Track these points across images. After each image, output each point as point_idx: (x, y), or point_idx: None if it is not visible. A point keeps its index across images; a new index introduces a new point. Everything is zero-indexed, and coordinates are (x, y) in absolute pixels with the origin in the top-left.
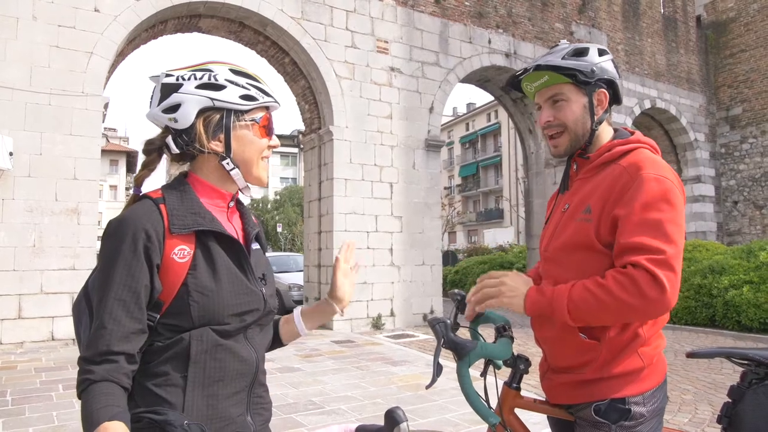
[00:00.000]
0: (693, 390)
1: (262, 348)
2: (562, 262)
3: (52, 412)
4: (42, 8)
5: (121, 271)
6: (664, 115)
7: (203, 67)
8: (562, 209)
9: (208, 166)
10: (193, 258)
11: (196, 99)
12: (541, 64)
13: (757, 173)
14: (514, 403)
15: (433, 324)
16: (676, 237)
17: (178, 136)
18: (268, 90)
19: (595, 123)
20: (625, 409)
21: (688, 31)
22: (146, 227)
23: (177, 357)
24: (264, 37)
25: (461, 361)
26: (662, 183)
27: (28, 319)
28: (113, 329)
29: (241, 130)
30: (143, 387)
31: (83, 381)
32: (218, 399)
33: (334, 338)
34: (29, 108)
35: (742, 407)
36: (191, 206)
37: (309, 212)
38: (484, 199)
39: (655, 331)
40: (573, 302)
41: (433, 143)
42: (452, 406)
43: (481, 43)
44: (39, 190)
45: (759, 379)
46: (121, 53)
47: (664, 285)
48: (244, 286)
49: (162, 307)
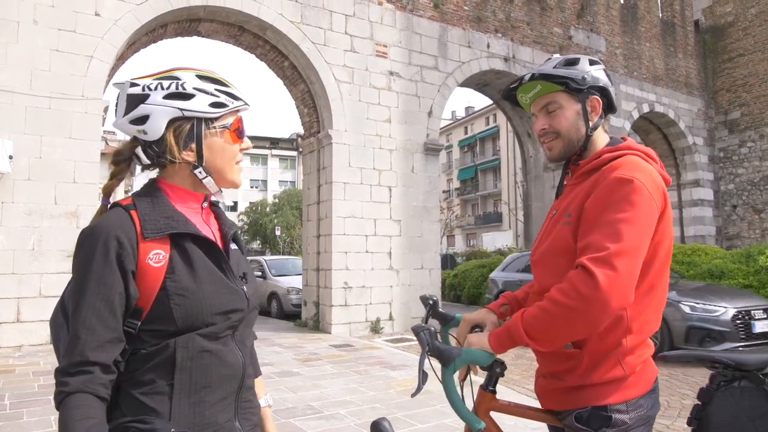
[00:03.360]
0: (692, 394)
1: (249, 351)
2: (547, 265)
3: (51, 417)
4: (43, 12)
5: (94, 280)
6: (662, 119)
7: (169, 74)
8: (551, 214)
9: (180, 175)
10: (170, 261)
11: (164, 110)
12: (534, 74)
13: (755, 177)
14: (489, 406)
15: (418, 331)
16: (627, 236)
17: (147, 147)
18: (237, 93)
19: (590, 129)
20: (606, 416)
21: (687, 36)
22: (117, 234)
23: (162, 364)
24: (263, 41)
25: (446, 368)
26: (627, 183)
27: (27, 323)
28: (87, 339)
29: (212, 138)
30: (129, 396)
31: (59, 393)
32: (205, 405)
33: (333, 342)
34: (29, 111)
35: (711, 409)
36: (163, 210)
37: (308, 216)
38: (483, 202)
39: (641, 339)
40: (526, 322)
41: (431, 147)
42: (450, 410)
43: (479, 48)
44: (38, 194)
45: (727, 381)
46: (121, 57)
47: (598, 281)
48: (225, 285)
49: (142, 314)
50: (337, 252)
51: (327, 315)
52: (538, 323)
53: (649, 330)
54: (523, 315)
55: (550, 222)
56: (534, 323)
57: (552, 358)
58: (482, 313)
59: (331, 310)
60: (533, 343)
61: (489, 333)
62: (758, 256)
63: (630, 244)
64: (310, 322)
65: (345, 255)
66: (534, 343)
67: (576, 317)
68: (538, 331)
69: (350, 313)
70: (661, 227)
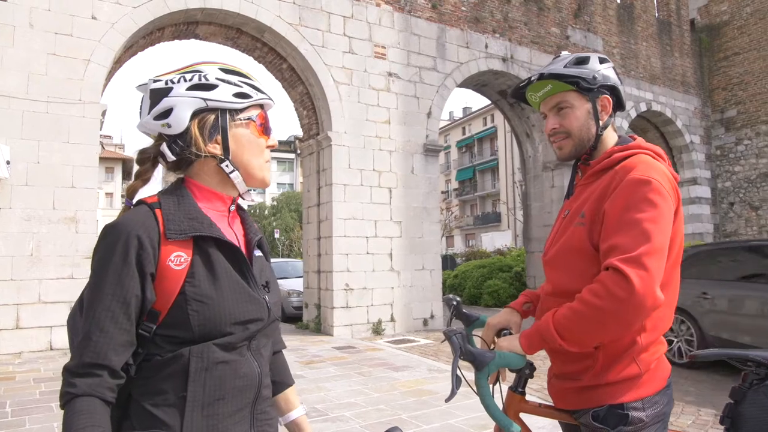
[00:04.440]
0: (695, 392)
1: (266, 361)
2: (561, 266)
3: (53, 423)
4: (39, 16)
5: (111, 280)
6: (659, 118)
7: (192, 68)
8: (563, 215)
9: (207, 171)
10: (191, 265)
11: (188, 101)
12: (544, 74)
13: (752, 175)
14: (519, 408)
15: (450, 335)
16: (653, 235)
17: (172, 143)
18: (261, 87)
19: (600, 128)
20: (624, 414)
21: (683, 35)
22: (139, 234)
23: (176, 375)
24: (261, 44)
25: (480, 372)
26: (646, 183)
27: (26, 329)
28: (99, 341)
29: (238, 129)
30: (140, 407)
31: (65, 393)
32: (219, 418)
33: (335, 344)
34: (26, 116)
35: (743, 407)
36: (188, 211)
37: (308, 218)
38: (482, 202)
39: (655, 337)
40: (558, 323)
41: (431, 148)
42: (456, 411)
43: (478, 48)
44: (37, 199)
45: (759, 379)
46: (118, 60)
47: (633, 282)
48: (246, 294)
49: (159, 317)
50: (338, 254)
51: (328, 317)
52: (570, 324)
53: (662, 327)
54: (554, 316)
55: (563, 222)
56: (566, 324)
57: (567, 358)
58: (505, 314)
59: (332, 312)
60: (565, 344)
61: (519, 335)
62: None
63: (657, 243)
64: (311, 324)
65: (346, 257)
66: (566, 344)
67: (610, 319)
68: (570, 332)
69: (352, 314)
70: (675, 225)
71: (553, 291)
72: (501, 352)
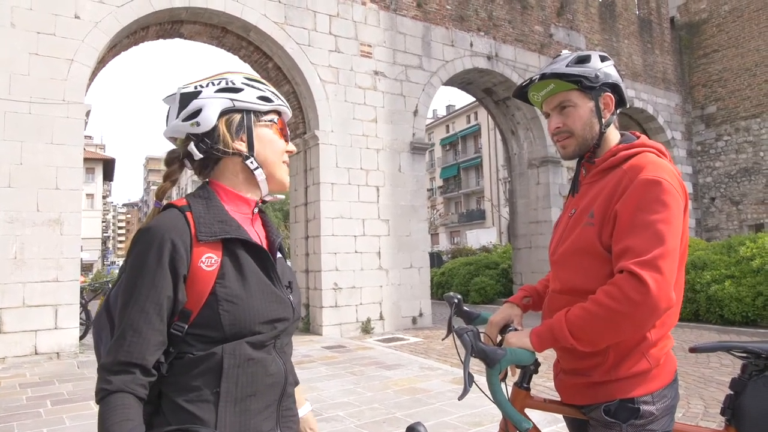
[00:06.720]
0: (684, 385)
1: (290, 359)
2: (570, 265)
3: (43, 429)
4: (21, 15)
5: (146, 281)
6: (641, 114)
7: (219, 76)
8: (569, 213)
9: (232, 170)
10: (221, 266)
11: (216, 101)
12: (546, 73)
13: (732, 170)
14: (524, 403)
15: (461, 333)
16: (666, 237)
17: (200, 141)
18: (281, 96)
19: (603, 126)
20: (635, 408)
21: (663, 33)
22: (173, 237)
23: (209, 372)
24: (247, 43)
25: (492, 369)
26: (657, 184)
27: (10, 333)
28: (133, 341)
29: (262, 129)
30: (174, 403)
31: (101, 390)
32: (250, 414)
33: (325, 344)
34: (8, 117)
35: (744, 398)
36: (217, 214)
37: (295, 217)
38: (466, 200)
39: (663, 332)
40: (571, 323)
41: (418, 146)
42: (450, 408)
43: (463, 46)
44: (20, 201)
45: (759, 370)
46: (101, 60)
47: (648, 286)
48: (273, 294)
49: (190, 317)
50: (326, 253)
51: (317, 317)
52: (584, 324)
53: (670, 323)
54: (567, 315)
55: (570, 222)
56: (580, 324)
57: (577, 354)
58: (506, 309)
59: (321, 312)
60: (578, 344)
61: (530, 332)
62: (739, 247)
63: (671, 245)
64: (300, 324)
65: (334, 256)
66: (579, 344)
67: (625, 321)
68: (584, 332)
69: (341, 314)
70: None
71: (562, 289)
72: (511, 348)
